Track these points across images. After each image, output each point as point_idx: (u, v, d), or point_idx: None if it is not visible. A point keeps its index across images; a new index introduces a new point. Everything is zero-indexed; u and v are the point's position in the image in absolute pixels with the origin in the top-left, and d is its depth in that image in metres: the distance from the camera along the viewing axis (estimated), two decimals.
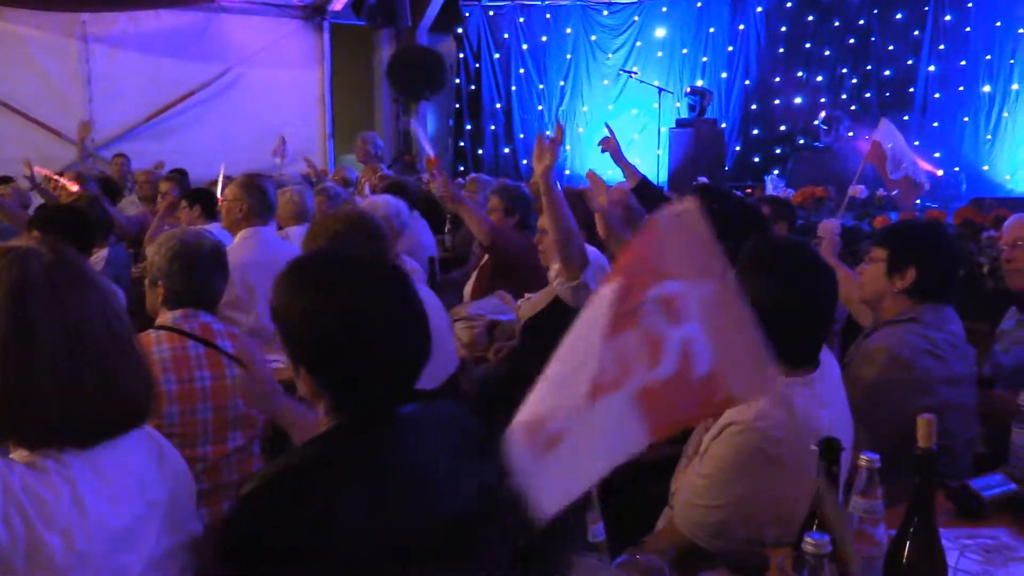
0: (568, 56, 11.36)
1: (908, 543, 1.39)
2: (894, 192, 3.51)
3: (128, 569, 1.38)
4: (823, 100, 10.70)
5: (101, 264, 4.28)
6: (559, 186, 2.79)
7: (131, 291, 3.77)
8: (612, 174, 4.68)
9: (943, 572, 1.39)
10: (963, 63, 9.97)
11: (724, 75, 11.40)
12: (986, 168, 9.77)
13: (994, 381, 2.82)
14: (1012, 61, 9.67)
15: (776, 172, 9.43)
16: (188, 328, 2.41)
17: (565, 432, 0.98)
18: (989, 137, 9.84)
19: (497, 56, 11.20)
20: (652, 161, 10.29)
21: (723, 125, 10.80)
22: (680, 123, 10.03)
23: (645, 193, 3.99)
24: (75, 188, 5.80)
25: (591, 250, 3.09)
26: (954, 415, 2.37)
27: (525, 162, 10.98)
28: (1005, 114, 9.72)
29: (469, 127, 11.22)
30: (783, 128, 11.02)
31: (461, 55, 11.14)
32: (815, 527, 1.39)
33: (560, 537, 1.45)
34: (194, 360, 2.37)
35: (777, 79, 11.14)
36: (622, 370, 0.88)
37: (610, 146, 3.92)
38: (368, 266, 1.49)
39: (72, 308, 1.34)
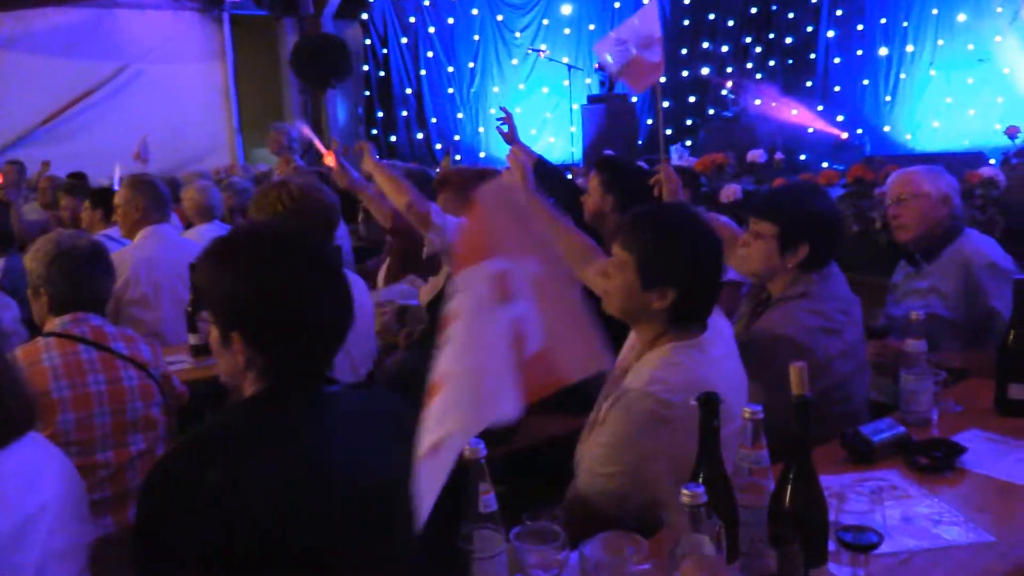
0: (476, 37, 11.33)
1: (789, 488, 1.43)
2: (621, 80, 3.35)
3: (22, 569, 1.41)
4: (729, 70, 10.90)
5: None
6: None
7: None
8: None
9: (824, 514, 1.44)
10: (860, 27, 10.24)
11: None
12: (887, 129, 10.07)
13: (887, 332, 2.91)
14: (906, 24, 9.96)
15: (689, 143, 9.58)
16: (78, 332, 2.33)
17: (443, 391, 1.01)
18: (889, 99, 10.14)
19: (404, 41, 11.08)
20: (566, 138, 10.36)
21: (634, 99, 10.90)
22: (591, 99, 10.10)
23: (542, 173, 4.05)
24: None
25: (453, 219, 3.08)
26: (852, 382, 2.43)
27: (439, 147, 10.93)
28: (903, 75, 10.02)
29: (380, 114, 11.08)
30: (692, 99, 11.19)
31: (368, 41, 11.00)
32: (700, 480, 1.43)
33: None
34: (87, 365, 2.30)
35: (684, 51, 11.30)
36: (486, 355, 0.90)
37: (506, 135, 4.00)
38: (289, 237, 1.52)
39: None
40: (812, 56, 10.54)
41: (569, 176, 6.67)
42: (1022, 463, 2.02)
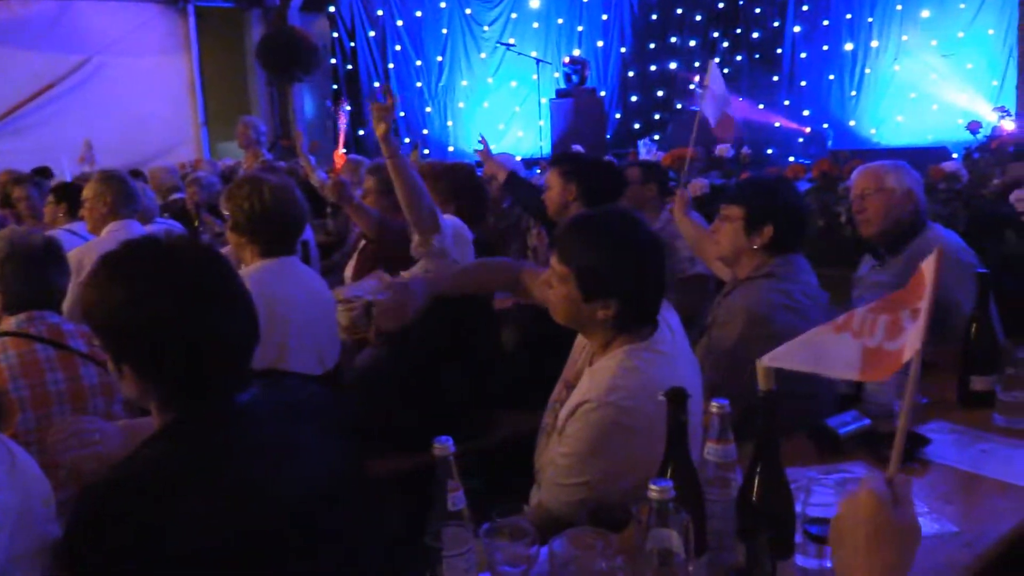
0: (444, 31, 11.27)
1: (756, 481, 1.43)
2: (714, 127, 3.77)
3: None
4: (697, 64, 10.96)
5: None
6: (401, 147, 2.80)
7: None
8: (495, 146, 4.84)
9: (790, 506, 1.44)
10: (826, 23, 10.34)
11: (600, 43, 11.54)
12: (852, 124, 10.19)
13: None
14: (871, 19, 10.08)
15: (657, 137, 9.62)
16: (35, 331, 2.29)
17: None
18: (854, 94, 10.26)
19: (372, 34, 11.00)
20: (535, 132, 10.34)
21: (602, 93, 10.92)
22: (560, 93, 10.10)
23: (514, 183, 4.23)
24: None
25: (451, 219, 3.08)
26: None
27: (407, 140, 10.87)
28: (867, 70, 10.14)
29: (348, 108, 11.01)
30: (660, 94, 11.24)
31: (335, 34, 10.90)
32: (668, 475, 1.43)
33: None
34: (44, 363, 2.26)
35: (652, 45, 11.35)
36: (865, 330, 1.24)
37: (482, 154, 4.32)
38: (182, 250, 1.41)
39: None
40: (778, 51, 10.63)
41: (538, 171, 6.69)
42: (985, 454, 2.05)
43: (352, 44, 10.92)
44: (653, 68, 11.31)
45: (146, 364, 1.34)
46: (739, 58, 10.86)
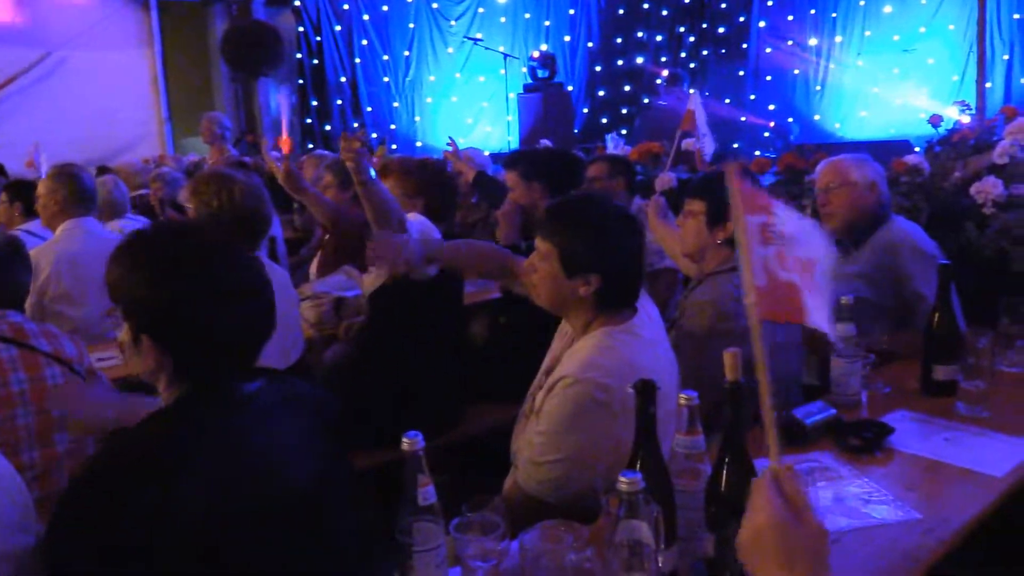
0: (411, 25, 11.19)
1: (725, 471, 1.45)
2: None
3: None
4: (664, 59, 11.02)
5: None
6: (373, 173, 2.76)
7: None
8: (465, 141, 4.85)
9: None
10: (790, 18, 10.45)
11: (567, 38, 11.55)
12: (817, 118, 10.30)
13: None
14: (834, 14, 10.20)
15: (624, 131, 9.66)
16: None
17: None
18: (819, 88, 10.38)
19: (338, 28, 10.90)
20: (503, 127, 10.32)
21: (570, 88, 10.94)
22: (528, 88, 10.09)
23: (482, 182, 4.28)
24: None
25: (417, 221, 3.06)
26: (779, 355, 2.50)
27: (375, 136, 10.81)
28: (831, 65, 10.26)
29: (315, 103, 10.90)
30: (628, 88, 11.28)
31: (301, 29, 10.79)
32: (637, 467, 1.44)
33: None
34: (7, 363, 2.22)
35: (619, 40, 11.38)
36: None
37: (450, 155, 4.39)
38: (212, 237, 1.49)
39: None
40: (744, 45, 10.72)
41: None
42: (947, 442, 2.09)
43: (318, 39, 10.81)
44: (620, 63, 11.34)
45: (163, 338, 1.38)
46: (705, 53, 10.94)
